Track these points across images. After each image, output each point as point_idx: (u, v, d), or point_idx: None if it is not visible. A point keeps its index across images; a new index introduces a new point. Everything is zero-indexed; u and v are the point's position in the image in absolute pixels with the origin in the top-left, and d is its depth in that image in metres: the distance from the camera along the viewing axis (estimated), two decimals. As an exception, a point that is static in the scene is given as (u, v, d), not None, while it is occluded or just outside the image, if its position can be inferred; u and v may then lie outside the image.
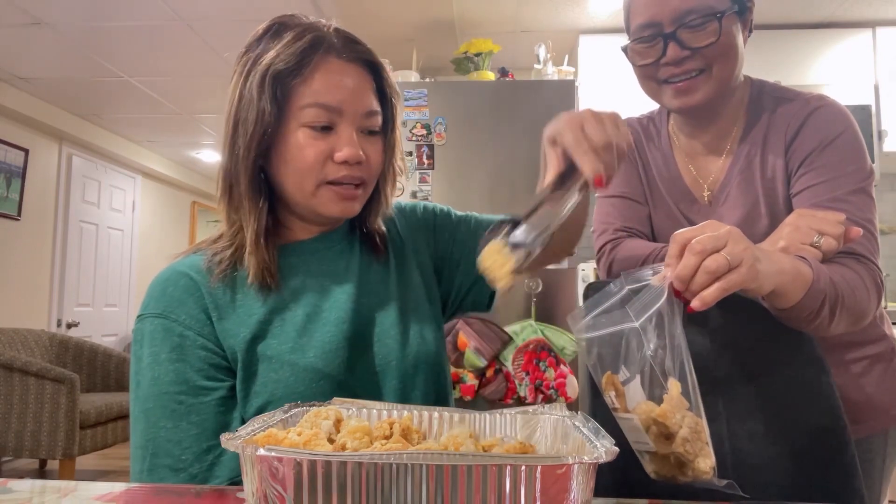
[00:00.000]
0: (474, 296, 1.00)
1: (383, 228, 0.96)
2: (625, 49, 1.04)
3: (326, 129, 0.81)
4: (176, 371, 0.78)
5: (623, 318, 0.65)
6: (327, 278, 0.88)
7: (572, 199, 0.72)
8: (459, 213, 1.03)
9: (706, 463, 0.62)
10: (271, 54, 0.79)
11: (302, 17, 0.85)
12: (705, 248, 0.65)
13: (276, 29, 0.83)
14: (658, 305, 0.64)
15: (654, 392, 0.63)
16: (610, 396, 0.67)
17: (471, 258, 0.94)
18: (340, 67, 0.82)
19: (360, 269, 0.90)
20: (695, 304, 0.66)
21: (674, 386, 0.63)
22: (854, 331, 0.91)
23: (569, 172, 0.74)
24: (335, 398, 0.71)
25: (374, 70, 0.86)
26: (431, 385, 0.89)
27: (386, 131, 0.88)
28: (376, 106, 0.85)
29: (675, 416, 0.62)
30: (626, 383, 0.66)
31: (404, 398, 0.85)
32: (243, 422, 0.80)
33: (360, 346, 0.85)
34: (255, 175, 0.83)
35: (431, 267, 0.98)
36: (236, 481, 0.75)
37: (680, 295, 0.67)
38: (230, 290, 0.84)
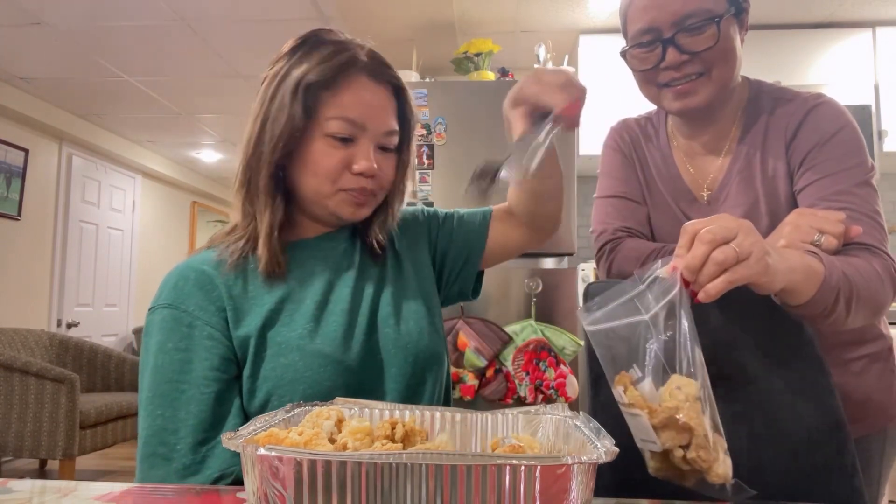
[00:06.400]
0: (460, 285, 1.06)
1: (382, 237, 0.99)
2: (623, 54, 1.04)
3: (347, 140, 0.86)
4: (181, 360, 0.80)
5: (633, 311, 0.64)
6: (333, 273, 0.93)
7: (546, 129, 0.80)
8: (442, 211, 1.09)
9: (723, 468, 0.60)
10: (306, 65, 0.85)
11: (339, 33, 0.91)
12: (715, 237, 0.64)
13: (314, 42, 0.88)
14: (670, 297, 0.63)
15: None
16: (619, 391, 0.65)
17: (456, 250, 1.04)
18: (369, 87, 0.88)
19: (360, 267, 0.95)
20: (700, 296, 0.65)
21: (689, 386, 0.60)
22: (856, 328, 0.90)
23: (534, 127, 0.81)
24: (338, 398, 0.71)
25: (399, 94, 0.93)
26: (433, 376, 0.92)
27: (401, 150, 0.95)
28: (396, 126, 0.91)
29: (701, 426, 0.59)
30: (637, 383, 0.64)
31: (408, 389, 0.89)
32: (245, 412, 0.83)
33: (364, 334, 0.89)
34: (276, 172, 0.88)
35: (431, 266, 1.03)
36: (226, 473, 0.76)
37: (688, 286, 0.66)
38: (242, 280, 0.87)
